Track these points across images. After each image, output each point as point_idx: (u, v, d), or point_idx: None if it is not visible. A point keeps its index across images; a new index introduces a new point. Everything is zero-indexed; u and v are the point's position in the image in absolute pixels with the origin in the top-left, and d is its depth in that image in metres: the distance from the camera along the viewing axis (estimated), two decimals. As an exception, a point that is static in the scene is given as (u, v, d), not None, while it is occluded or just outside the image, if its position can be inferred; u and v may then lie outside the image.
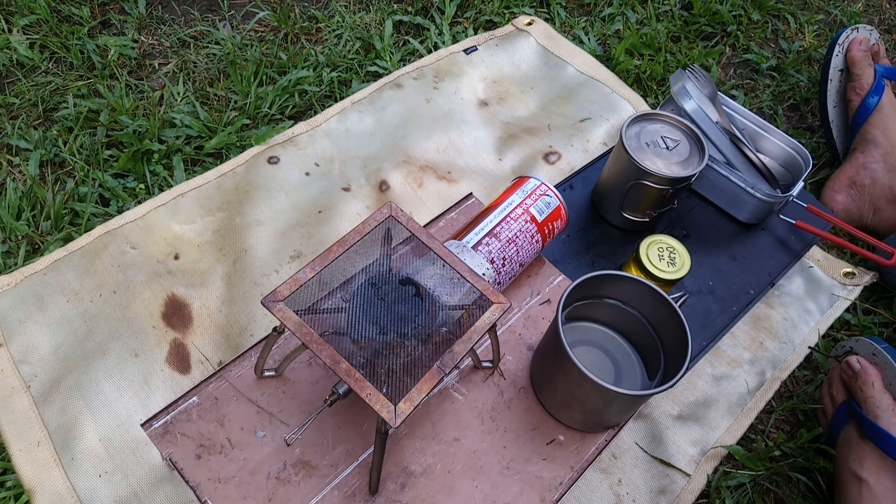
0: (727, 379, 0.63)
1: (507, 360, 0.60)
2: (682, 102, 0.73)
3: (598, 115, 0.81)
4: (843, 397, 0.58)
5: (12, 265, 0.61)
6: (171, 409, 0.54)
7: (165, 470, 0.51)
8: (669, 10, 0.98)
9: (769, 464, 0.58)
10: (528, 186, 0.62)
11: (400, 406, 0.42)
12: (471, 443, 0.55)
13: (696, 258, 0.70)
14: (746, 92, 0.90)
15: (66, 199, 0.65)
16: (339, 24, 0.87)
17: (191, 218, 0.65)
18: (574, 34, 0.93)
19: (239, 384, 0.56)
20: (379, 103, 0.78)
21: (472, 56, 0.85)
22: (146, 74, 0.79)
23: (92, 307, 0.59)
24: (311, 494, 0.51)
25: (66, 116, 0.72)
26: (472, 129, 0.77)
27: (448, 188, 0.72)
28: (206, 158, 0.72)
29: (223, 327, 0.59)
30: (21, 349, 0.55)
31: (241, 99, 0.77)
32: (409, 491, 0.53)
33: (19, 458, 0.50)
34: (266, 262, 0.63)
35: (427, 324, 0.48)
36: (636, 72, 0.88)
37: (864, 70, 0.80)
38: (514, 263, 0.60)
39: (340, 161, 0.72)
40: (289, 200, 0.68)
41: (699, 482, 0.56)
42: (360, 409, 0.56)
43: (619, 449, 0.57)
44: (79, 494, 0.49)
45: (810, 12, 1.03)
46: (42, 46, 0.79)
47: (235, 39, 0.83)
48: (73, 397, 0.54)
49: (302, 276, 0.47)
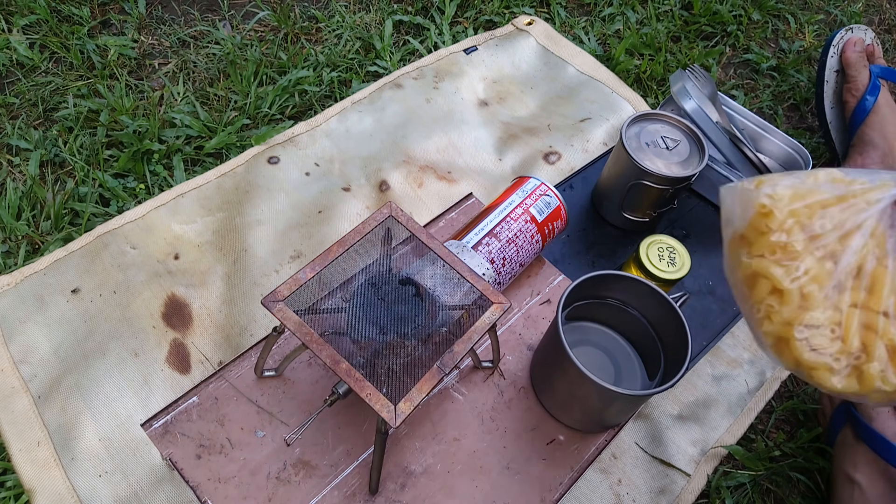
0: (727, 379, 0.63)
1: (507, 360, 0.60)
2: (682, 102, 0.73)
3: (598, 115, 0.81)
4: (841, 399, 0.58)
5: (12, 265, 0.61)
6: (171, 409, 0.54)
7: (165, 470, 0.51)
8: (669, 10, 0.98)
9: (769, 464, 0.58)
10: (528, 186, 0.62)
11: (400, 406, 0.42)
12: (471, 443, 0.55)
13: (696, 258, 0.70)
14: (746, 92, 0.90)
15: (66, 199, 0.65)
16: (339, 23, 0.87)
17: (191, 218, 0.65)
18: (574, 34, 0.93)
19: (239, 384, 0.56)
20: (379, 103, 0.78)
21: (472, 56, 0.85)
22: (146, 74, 0.79)
23: (92, 307, 0.58)
24: (311, 494, 0.51)
25: (66, 116, 0.72)
26: (472, 129, 0.77)
27: (448, 188, 0.72)
28: (206, 158, 0.72)
29: (223, 327, 0.59)
30: (21, 349, 0.55)
31: (241, 99, 0.77)
32: (409, 491, 0.53)
33: (19, 458, 0.50)
34: (266, 262, 0.63)
35: (427, 324, 0.48)
36: (636, 72, 0.88)
37: (859, 71, 0.80)
38: (514, 263, 0.60)
39: (340, 161, 0.72)
40: (289, 200, 0.68)
41: (699, 482, 0.56)
42: (360, 409, 0.56)
43: (619, 449, 0.57)
44: (79, 494, 0.49)
45: (810, 12, 1.03)
46: (42, 46, 0.79)
47: (235, 39, 0.83)
48: (73, 397, 0.54)
49: (302, 276, 0.47)
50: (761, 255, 0.29)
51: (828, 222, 0.28)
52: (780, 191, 0.29)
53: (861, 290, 0.28)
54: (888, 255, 0.28)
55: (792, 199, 0.28)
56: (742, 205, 0.29)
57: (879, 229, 0.28)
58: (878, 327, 0.28)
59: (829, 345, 0.28)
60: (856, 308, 0.28)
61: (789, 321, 0.28)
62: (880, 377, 0.28)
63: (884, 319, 0.28)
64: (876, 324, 0.28)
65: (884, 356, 0.28)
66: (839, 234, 0.28)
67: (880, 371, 0.28)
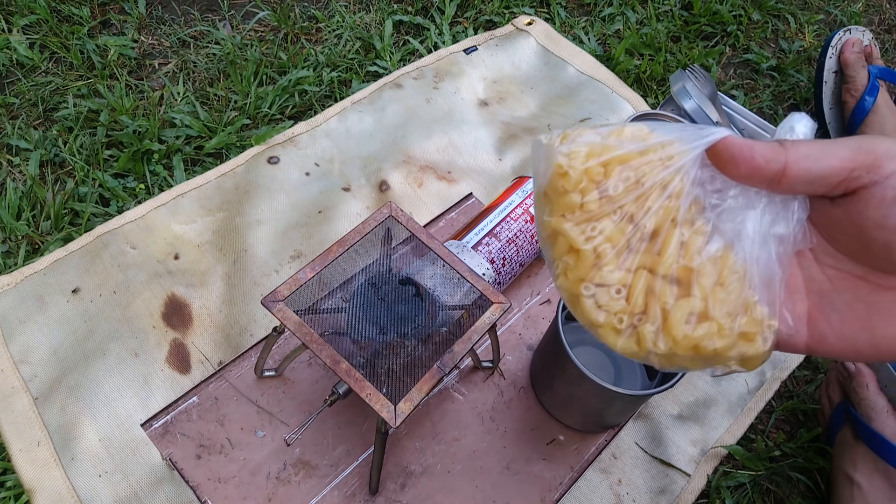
0: (727, 379, 0.63)
1: (507, 360, 0.60)
2: (682, 102, 0.73)
3: (598, 115, 0.81)
4: (840, 398, 0.58)
5: (12, 265, 0.61)
6: (171, 409, 0.54)
7: (165, 470, 0.51)
8: (669, 10, 0.98)
9: (769, 464, 0.58)
10: (528, 186, 0.62)
11: (400, 406, 0.42)
12: (471, 443, 0.55)
13: (695, 258, 0.70)
14: (746, 92, 0.90)
15: (66, 199, 0.65)
16: (339, 24, 0.87)
17: (191, 218, 0.65)
18: (574, 34, 0.93)
19: (239, 384, 0.56)
20: (379, 103, 0.78)
21: (472, 56, 0.85)
22: (146, 74, 0.79)
23: (92, 307, 0.58)
24: (311, 494, 0.51)
25: (66, 116, 0.72)
26: (472, 128, 0.77)
27: (448, 188, 0.72)
28: (206, 158, 0.72)
29: (223, 327, 0.59)
30: (21, 349, 0.55)
31: (241, 99, 0.77)
32: (409, 491, 0.53)
33: (19, 458, 0.50)
34: (266, 262, 0.63)
35: (427, 324, 0.48)
36: (636, 72, 0.88)
37: (857, 72, 0.80)
38: (514, 263, 0.60)
39: (340, 161, 0.72)
40: (289, 200, 0.68)
41: (699, 482, 0.56)
42: (360, 409, 0.56)
43: (619, 449, 0.57)
44: (79, 494, 0.49)
45: (810, 12, 1.03)
46: (42, 46, 0.79)
47: (235, 39, 0.83)
48: (73, 397, 0.54)
49: (302, 276, 0.47)
50: (562, 214, 0.28)
51: (621, 183, 0.27)
52: (576, 148, 0.27)
53: (654, 252, 0.27)
54: (679, 219, 0.27)
55: (587, 157, 0.27)
56: (545, 162, 0.28)
57: (679, 190, 0.27)
58: (656, 289, 0.27)
59: (613, 304, 0.27)
60: (644, 270, 0.27)
61: (581, 278, 0.28)
62: (652, 339, 0.27)
63: (662, 282, 0.27)
64: (659, 287, 0.27)
65: (658, 319, 0.27)
66: (636, 195, 0.27)
67: (653, 333, 0.27)
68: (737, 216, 0.28)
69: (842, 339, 0.27)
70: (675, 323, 0.27)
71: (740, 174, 0.27)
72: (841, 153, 0.25)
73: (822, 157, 0.25)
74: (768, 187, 0.27)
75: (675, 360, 0.28)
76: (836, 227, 0.27)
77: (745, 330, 0.27)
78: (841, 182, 0.25)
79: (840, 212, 0.27)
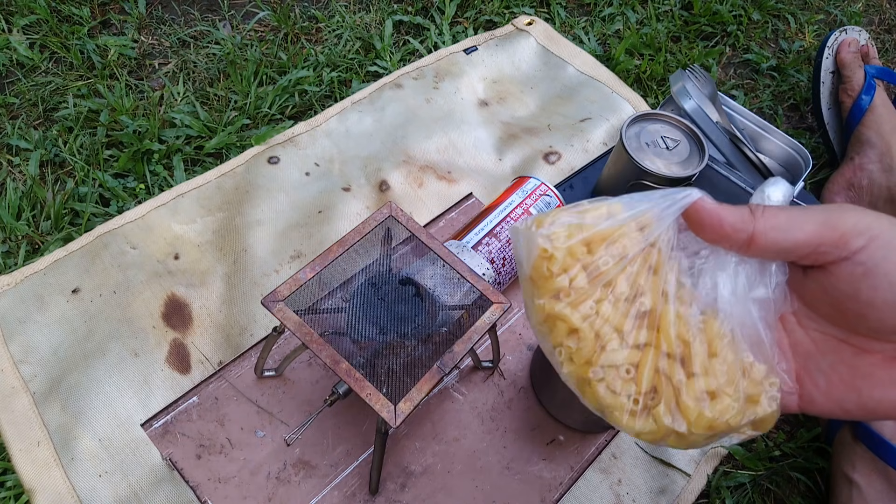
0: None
1: (507, 360, 0.60)
2: (682, 102, 0.73)
3: (598, 115, 0.81)
4: None
5: (12, 265, 0.61)
6: (171, 409, 0.54)
7: (165, 470, 0.51)
8: (669, 10, 0.98)
9: (769, 464, 0.58)
10: (528, 186, 0.62)
11: (400, 406, 0.42)
12: (471, 443, 0.55)
13: (695, 258, 0.70)
14: (746, 92, 0.90)
15: (66, 199, 0.65)
16: (339, 24, 0.87)
17: (191, 218, 0.65)
18: (574, 34, 0.93)
19: (239, 384, 0.56)
20: (379, 103, 0.78)
21: (472, 56, 0.85)
22: (146, 74, 0.79)
23: (92, 307, 0.58)
24: (311, 494, 0.51)
25: (66, 116, 0.72)
26: (472, 129, 0.77)
27: (448, 188, 0.72)
28: (206, 158, 0.72)
29: (223, 327, 0.59)
30: (21, 349, 0.55)
31: (241, 99, 0.77)
32: (409, 491, 0.53)
33: (19, 458, 0.50)
34: (266, 262, 0.63)
35: (427, 324, 0.48)
36: (636, 72, 0.88)
37: (854, 72, 0.80)
38: (514, 263, 0.60)
39: (340, 161, 0.72)
40: (289, 200, 0.68)
41: (699, 482, 0.56)
42: (360, 409, 0.56)
43: (619, 449, 0.57)
44: (79, 494, 0.49)
45: (810, 12, 1.03)
46: (42, 46, 0.79)
47: (235, 39, 0.83)
48: (73, 397, 0.54)
49: (302, 276, 0.47)
50: (554, 297, 0.27)
51: (611, 258, 0.27)
52: (556, 229, 0.27)
53: (654, 328, 0.27)
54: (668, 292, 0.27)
55: (568, 237, 0.27)
56: (527, 248, 0.28)
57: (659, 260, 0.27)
58: (661, 367, 0.27)
59: (626, 386, 0.27)
60: (650, 348, 0.27)
61: (588, 361, 0.27)
62: (670, 420, 0.27)
63: (667, 359, 0.27)
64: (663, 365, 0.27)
65: (671, 399, 0.27)
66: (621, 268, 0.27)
67: (668, 414, 0.27)
68: (710, 278, 0.28)
69: (830, 400, 0.27)
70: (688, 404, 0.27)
71: (709, 238, 0.27)
72: (808, 227, 0.25)
73: (789, 230, 0.26)
74: (739, 251, 0.27)
75: (692, 438, 0.27)
76: (812, 295, 0.28)
77: (749, 392, 0.27)
78: (809, 254, 0.26)
79: (813, 283, 0.27)
